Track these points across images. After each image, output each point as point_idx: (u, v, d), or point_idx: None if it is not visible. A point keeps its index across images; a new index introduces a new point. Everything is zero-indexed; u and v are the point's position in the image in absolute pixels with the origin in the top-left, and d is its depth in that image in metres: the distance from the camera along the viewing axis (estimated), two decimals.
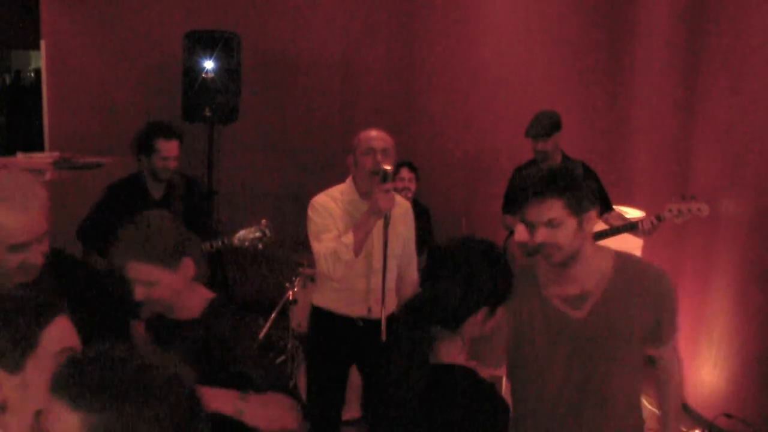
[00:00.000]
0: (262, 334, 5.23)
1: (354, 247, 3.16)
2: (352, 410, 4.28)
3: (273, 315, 5.19)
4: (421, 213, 5.31)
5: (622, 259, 2.26)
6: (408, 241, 3.53)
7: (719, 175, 4.52)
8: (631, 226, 4.12)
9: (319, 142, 6.01)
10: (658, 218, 3.99)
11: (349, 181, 3.39)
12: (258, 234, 3.77)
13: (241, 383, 2.13)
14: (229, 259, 6.01)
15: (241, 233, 3.79)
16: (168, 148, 3.97)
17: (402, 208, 3.45)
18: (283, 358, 5.16)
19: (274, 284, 5.79)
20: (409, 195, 5.20)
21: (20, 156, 5.69)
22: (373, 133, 3.35)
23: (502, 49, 5.74)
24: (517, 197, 2.24)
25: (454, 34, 5.80)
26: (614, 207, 4.60)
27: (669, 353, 2.34)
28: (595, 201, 2.20)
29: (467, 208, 5.61)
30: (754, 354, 4.22)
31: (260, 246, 3.77)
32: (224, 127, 5.63)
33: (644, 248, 4.79)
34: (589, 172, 4.43)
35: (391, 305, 3.45)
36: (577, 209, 2.13)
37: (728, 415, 4.25)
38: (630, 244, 4.32)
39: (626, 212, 4.77)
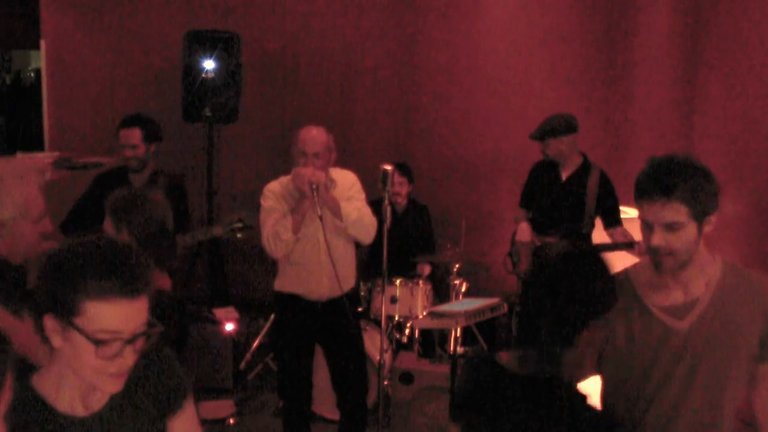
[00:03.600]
0: (261, 334, 5.23)
1: (292, 227, 3.46)
2: (332, 410, 4.30)
3: (273, 315, 5.19)
4: (420, 212, 5.30)
5: (729, 266, 2.06)
6: (351, 200, 3.65)
7: (719, 174, 4.50)
8: (628, 245, 4.14)
9: None
10: None
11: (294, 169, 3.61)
12: (239, 224, 3.96)
13: None
14: (229, 259, 6.01)
15: (218, 228, 3.97)
16: (126, 135, 4.08)
17: (337, 183, 3.63)
18: None
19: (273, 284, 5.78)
20: (400, 200, 5.09)
21: (20, 156, 5.69)
22: (305, 134, 3.56)
23: (501, 49, 5.74)
24: (639, 186, 1.99)
25: (454, 34, 5.80)
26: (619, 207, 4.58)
27: None
28: (717, 204, 1.97)
29: (467, 208, 5.61)
30: None
31: (239, 235, 4.00)
32: (224, 127, 5.63)
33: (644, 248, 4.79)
34: (606, 184, 4.37)
35: (352, 278, 3.72)
36: (701, 214, 1.93)
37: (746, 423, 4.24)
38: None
39: (627, 212, 4.78)
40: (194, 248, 5.29)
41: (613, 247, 4.23)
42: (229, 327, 4.85)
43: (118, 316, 1.42)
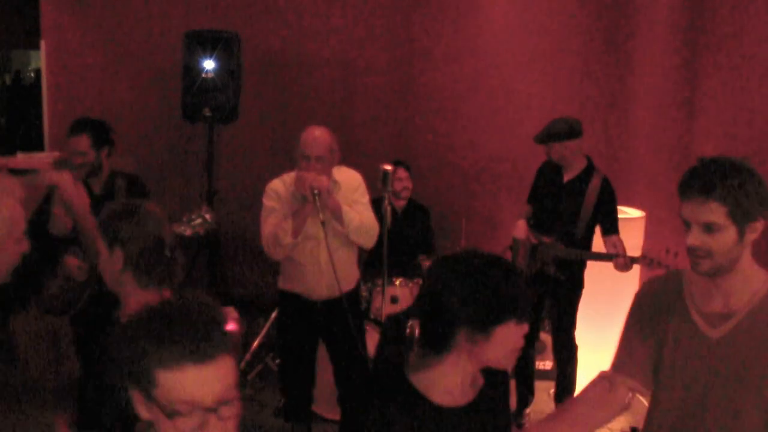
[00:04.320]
0: (262, 334, 5.23)
1: (292, 231, 3.42)
2: (332, 410, 4.30)
3: (273, 315, 5.19)
4: (419, 213, 5.31)
5: None
6: (355, 203, 3.62)
7: None
8: (607, 257, 4.17)
9: None
10: (633, 260, 4.06)
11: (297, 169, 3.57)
12: (198, 220, 3.84)
13: None
14: (229, 259, 6.01)
15: (177, 225, 3.88)
16: (73, 142, 4.04)
17: (341, 185, 3.59)
18: None
19: (274, 284, 5.78)
20: (407, 195, 5.17)
21: (20, 156, 5.68)
22: (307, 137, 3.49)
23: (501, 49, 5.74)
24: (681, 183, 1.93)
25: (454, 35, 5.80)
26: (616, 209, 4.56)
27: None
28: (766, 211, 1.89)
29: (467, 209, 5.61)
30: None
31: (201, 231, 3.88)
32: (224, 127, 5.63)
33: (644, 249, 4.79)
34: (606, 190, 4.33)
35: (353, 279, 3.73)
36: (742, 217, 1.86)
37: None
38: (629, 243, 4.32)
39: (626, 212, 4.78)
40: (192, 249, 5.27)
41: (595, 256, 4.27)
42: (229, 327, 4.85)
43: (192, 384, 1.30)
